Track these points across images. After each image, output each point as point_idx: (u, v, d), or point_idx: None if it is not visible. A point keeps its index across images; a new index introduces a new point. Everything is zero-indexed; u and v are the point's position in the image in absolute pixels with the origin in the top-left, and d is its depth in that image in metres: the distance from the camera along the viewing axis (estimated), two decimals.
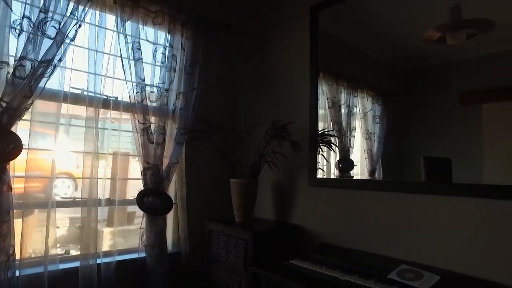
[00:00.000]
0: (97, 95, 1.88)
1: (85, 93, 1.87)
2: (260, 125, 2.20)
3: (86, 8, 1.79)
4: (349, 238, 1.84)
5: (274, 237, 1.97)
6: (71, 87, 1.84)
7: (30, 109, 1.64)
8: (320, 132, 2.10)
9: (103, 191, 1.92)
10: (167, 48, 2.15)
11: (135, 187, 2.07)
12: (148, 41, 2.10)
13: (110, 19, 1.97)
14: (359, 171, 2.05)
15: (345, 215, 1.89)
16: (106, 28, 1.93)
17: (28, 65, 1.60)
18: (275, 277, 1.62)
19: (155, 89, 2.08)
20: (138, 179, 2.02)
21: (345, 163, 2.11)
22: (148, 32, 2.11)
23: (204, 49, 2.30)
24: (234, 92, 2.66)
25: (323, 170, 2.13)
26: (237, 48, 2.69)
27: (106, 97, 1.95)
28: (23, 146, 1.61)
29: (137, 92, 1.97)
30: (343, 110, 2.16)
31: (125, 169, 2.16)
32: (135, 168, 2.10)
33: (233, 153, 2.27)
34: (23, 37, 1.62)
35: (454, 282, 1.33)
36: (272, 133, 2.03)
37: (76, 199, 1.91)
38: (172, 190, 2.19)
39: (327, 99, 2.17)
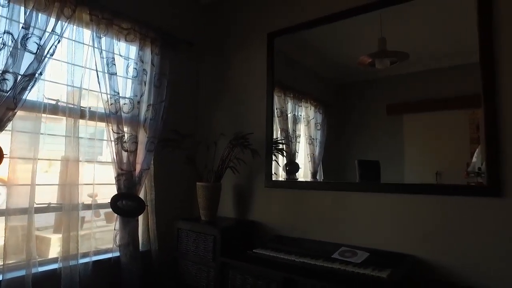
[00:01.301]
0: (74, 106, 2.01)
1: (61, 104, 1.99)
2: (225, 136, 2.49)
3: (66, 24, 1.92)
4: (299, 230, 2.23)
5: (238, 232, 2.29)
6: (47, 98, 1.95)
7: None
8: (274, 141, 2.46)
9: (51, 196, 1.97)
10: (138, 63, 2.34)
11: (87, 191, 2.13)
12: (121, 56, 2.27)
13: (87, 34, 2.10)
14: (303, 173, 2.42)
15: (295, 210, 2.28)
16: (83, 43, 2.07)
17: (10, 78, 1.70)
18: (242, 264, 1.94)
19: (127, 101, 2.26)
20: (86, 184, 2.07)
21: (292, 166, 2.48)
22: (121, 47, 2.28)
23: (171, 64, 2.53)
24: (201, 104, 2.92)
25: (276, 174, 2.48)
26: (202, 64, 2.96)
27: (82, 108, 2.08)
28: None
29: (111, 104, 2.13)
30: (289, 119, 2.53)
31: (74, 174, 2.01)
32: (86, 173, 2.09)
33: (200, 160, 2.53)
34: (5, 51, 1.71)
35: (378, 256, 1.77)
36: (234, 142, 2.35)
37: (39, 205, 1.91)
38: (142, 193, 2.37)
39: (276, 109, 2.50)
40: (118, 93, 2.17)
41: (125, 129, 2.22)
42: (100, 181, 2.20)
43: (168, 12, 2.70)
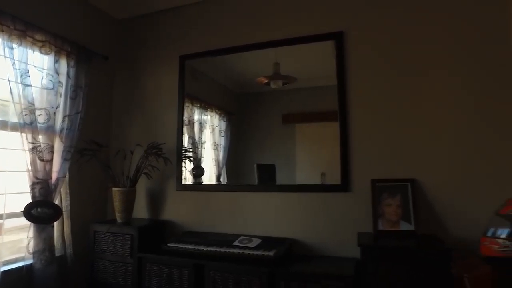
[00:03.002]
0: None
1: None
2: (141, 146, 2.75)
3: None
4: (206, 225, 2.65)
5: (153, 230, 2.59)
6: None
7: None
8: (183, 150, 2.81)
9: None
10: (54, 75, 2.43)
11: None
12: (36, 67, 2.34)
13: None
14: (209, 176, 2.76)
15: (202, 209, 2.69)
16: None
17: None
18: (157, 257, 2.27)
19: (43, 112, 2.34)
20: None
21: (198, 170, 2.86)
22: (37, 59, 2.35)
23: (86, 77, 2.67)
24: (117, 115, 3.09)
25: (186, 178, 2.84)
26: (117, 77, 3.13)
27: None
28: None
29: (25, 115, 2.20)
30: (196, 126, 2.87)
31: None
32: None
33: (116, 167, 2.73)
34: None
35: (268, 241, 2.31)
36: (149, 151, 2.64)
37: None
38: (58, 200, 2.47)
39: (184, 118, 2.81)
40: (33, 104, 2.25)
41: (41, 138, 2.30)
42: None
43: (84, 26, 2.82)
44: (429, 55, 2.20)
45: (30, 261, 2.24)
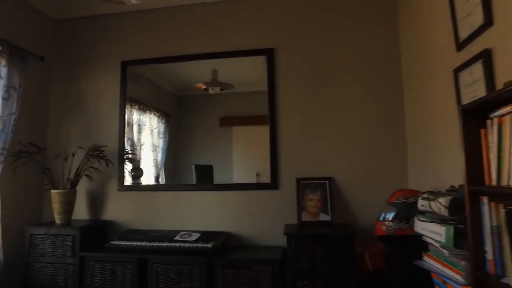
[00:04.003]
0: None
1: None
2: (83, 149, 2.78)
3: None
4: (148, 223, 2.80)
5: (95, 230, 2.66)
6: None
7: None
8: (125, 152, 2.91)
9: None
10: None
11: None
12: None
13: None
14: (148, 177, 2.87)
15: (144, 208, 2.83)
16: None
17: None
18: (100, 255, 2.37)
19: None
20: None
21: (137, 171, 2.98)
22: None
23: (21, 77, 2.62)
24: (57, 117, 3.03)
25: (126, 179, 2.93)
26: (56, 78, 3.07)
27: None
28: None
29: None
30: (135, 128, 2.97)
31: None
32: None
33: (56, 170, 2.73)
34: None
35: (207, 235, 2.55)
36: (91, 153, 2.70)
37: None
38: None
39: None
40: None
41: None
42: None
43: (18, 24, 2.74)
44: (341, 72, 2.65)
45: None
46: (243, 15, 2.84)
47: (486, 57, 1.47)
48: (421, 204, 1.57)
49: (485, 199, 1.14)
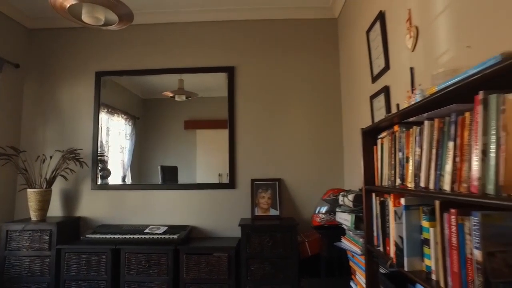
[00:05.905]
0: None
1: None
2: (60, 151, 3.03)
3: None
4: (119, 218, 3.11)
5: (70, 225, 2.93)
6: None
7: None
8: (99, 154, 3.20)
9: None
10: None
11: None
12: None
13: None
14: (115, 177, 3.15)
15: (115, 205, 3.14)
16: None
17: None
18: (76, 247, 2.66)
19: None
20: None
21: (105, 172, 3.28)
22: None
23: None
24: (33, 122, 3.23)
25: (99, 179, 3.22)
26: (31, 85, 3.27)
27: None
28: None
29: None
30: (103, 131, 3.28)
31: None
32: None
33: (33, 171, 2.96)
34: None
35: (173, 228, 2.92)
36: (67, 156, 2.97)
37: None
38: None
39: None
40: None
41: None
42: None
43: None
44: (292, 90, 3.15)
45: None
46: (209, 36, 3.24)
47: (386, 91, 2.01)
48: (340, 199, 2.09)
49: (373, 195, 1.65)
